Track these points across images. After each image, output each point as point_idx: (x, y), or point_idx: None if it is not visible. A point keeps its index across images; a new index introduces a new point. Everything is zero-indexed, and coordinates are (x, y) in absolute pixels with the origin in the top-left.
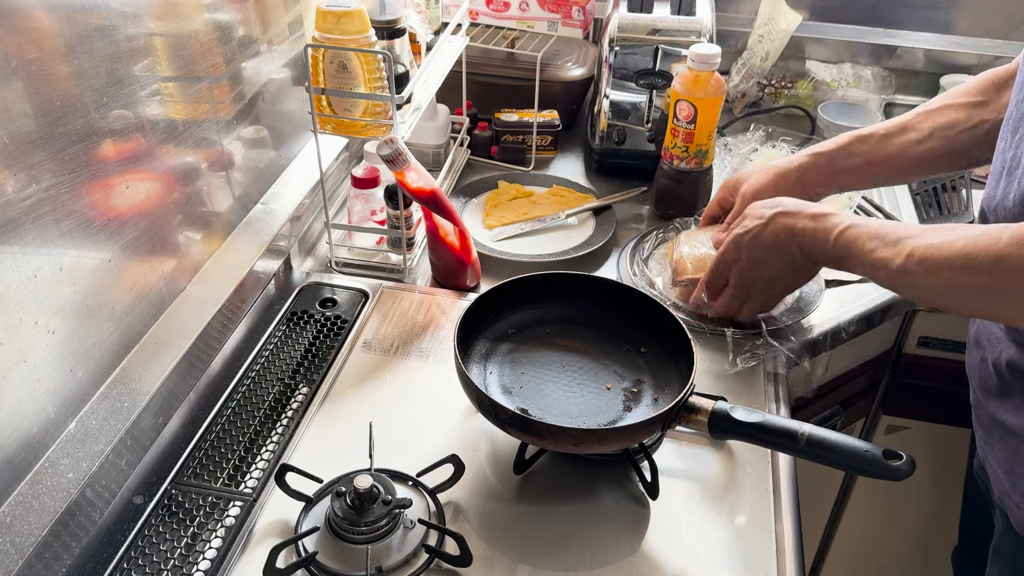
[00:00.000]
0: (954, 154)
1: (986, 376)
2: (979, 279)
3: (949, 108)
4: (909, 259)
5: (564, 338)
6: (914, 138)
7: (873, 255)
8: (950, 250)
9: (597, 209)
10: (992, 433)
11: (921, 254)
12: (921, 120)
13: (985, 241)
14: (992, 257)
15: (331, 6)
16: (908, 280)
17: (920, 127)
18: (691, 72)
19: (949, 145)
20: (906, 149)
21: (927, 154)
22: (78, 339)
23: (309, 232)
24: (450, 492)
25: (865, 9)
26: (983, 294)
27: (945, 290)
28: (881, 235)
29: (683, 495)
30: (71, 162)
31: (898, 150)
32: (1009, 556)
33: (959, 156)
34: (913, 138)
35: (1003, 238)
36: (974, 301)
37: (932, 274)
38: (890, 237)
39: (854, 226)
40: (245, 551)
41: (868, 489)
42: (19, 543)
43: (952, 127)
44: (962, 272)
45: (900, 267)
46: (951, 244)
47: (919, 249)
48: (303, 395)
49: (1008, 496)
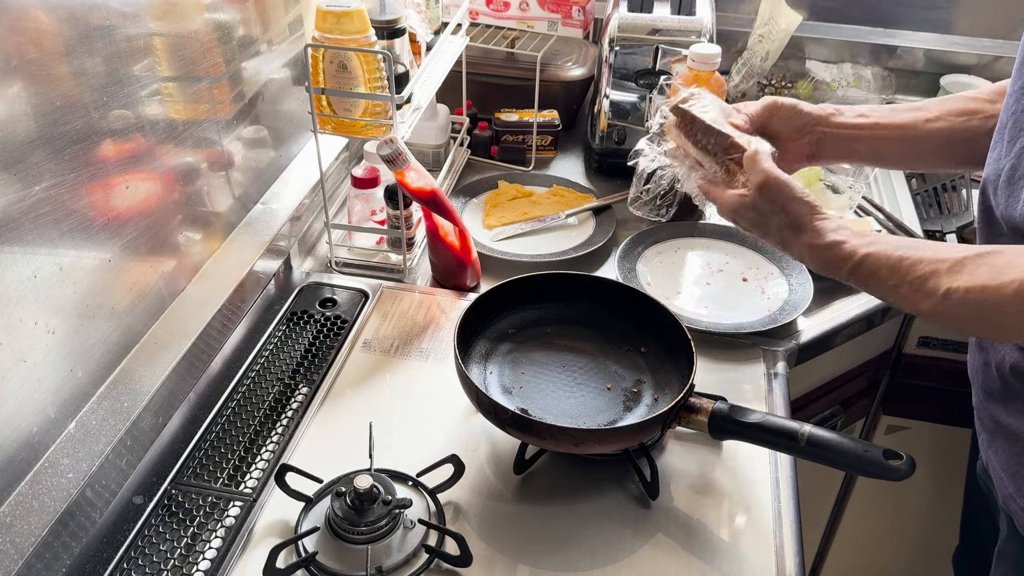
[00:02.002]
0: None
1: (989, 380)
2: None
3: (961, 99)
4: (946, 301)
5: (564, 338)
6: (923, 116)
7: (896, 292)
8: (1000, 295)
9: (597, 209)
10: (996, 437)
11: (962, 298)
12: (933, 104)
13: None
14: None
15: (331, 6)
16: (944, 318)
17: (930, 108)
18: (691, 72)
19: (954, 130)
20: (914, 123)
21: (933, 133)
22: (78, 339)
23: (309, 232)
24: (450, 492)
25: (865, 9)
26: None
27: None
28: (903, 269)
29: (683, 495)
30: (71, 162)
31: (906, 121)
32: (1014, 559)
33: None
34: (922, 116)
35: None
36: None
37: (977, 316)
38: (914, 272)
39: (870, 256)
40: (245, 551)
41: (868, 489)
42: (19, 543)
43: (962, 114)
44: (1017, 317)
45: (933, 308)
46: (1000, 289)
47: (958, 292)
48: (303, 395)
49: (1013, 500)
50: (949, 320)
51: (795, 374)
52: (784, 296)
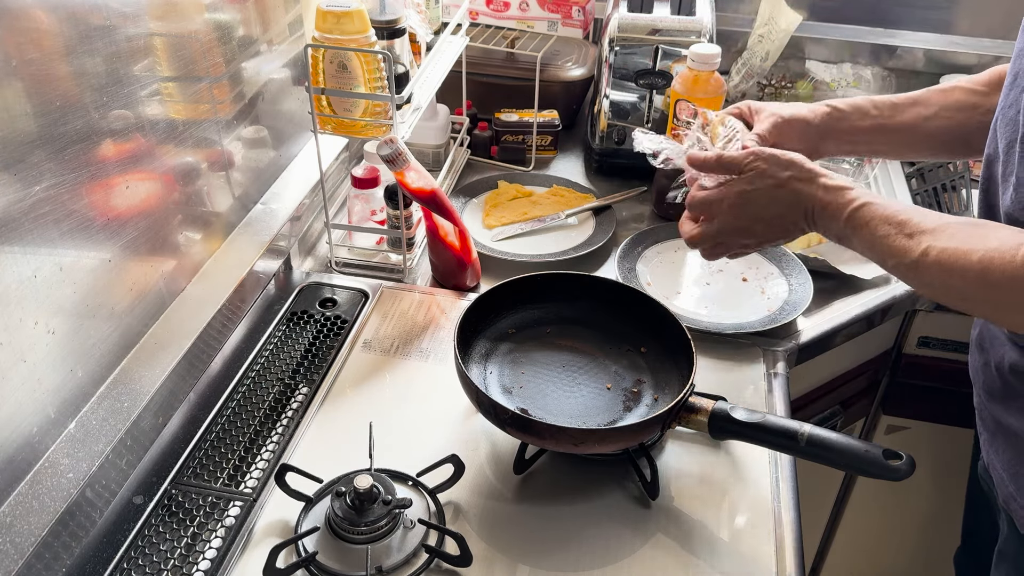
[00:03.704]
0: (957, 137)
1: (990, 379)
2: (992, 294)
3: (958, 90)
4: (924, 257)
5: (564, 338)
6: (923, 112)
7: (887, 241)
8: (966, 260)
9: (597, 209)
10: (996, 436)
11: (936, 256)
12: (931, 97)
13: (1001, 259)
14: (1008, 277)
15: (331, 6)
16: (919, 276)
17: (929, 102)
18: (691, 72)
19: (954, 125)
20: (915, 123)
21: (934, 131)
22: (78, 339)
23: (309, 232)
24: (450, 492)
25: (865, 9)
26: (993, 306)
27: (955, 294)
28: (897, 221)
29: (683, 495)
30: (71, 162)
31: (908, 121)
32: (1014, 559)
33: (962, 141)
34: (922, 112)
35: (1018, 258)
36: (983, 308)
37: (945, 278)
38: (907, 227)
39: (869, 204)
40: (245, 551)
41: (868, 489)
42: (19, 543)
43: (959, 109)
44: (976, 286)
45: (914, 262)
46: (968, 254)
47: (935, 250)
48: (303, 395)
49: (1013, 499)
50: (926, 278)
51: (795, 374)
52: (784, 296)
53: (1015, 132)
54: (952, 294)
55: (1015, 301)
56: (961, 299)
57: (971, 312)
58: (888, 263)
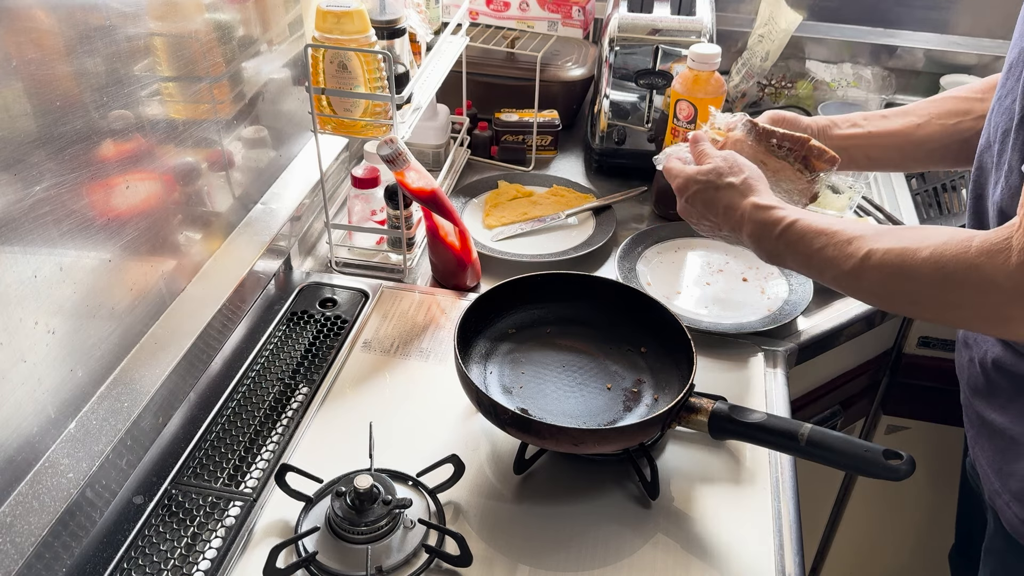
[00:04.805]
0: (950, 145)
1: (974, 375)
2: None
3: (950, 99)
4: (865, 262)
5: (564, 338)
6: (914, 121)
7: (823, 252)
8: (915, 259)
9: (597, 209)
10: (981, 433)
11: (880, 259)
12: (922, 107)
13: (956, 250)
14: (965, 266)
15: (331, 6)
16: (860, 284)
17: (920, 112)
18: (691, 72)
19: (946, 134)
20: (907, 130)
21: (926, 138)
22: (78, 339)
23: (309, 232)
24: (450, 492)
25: (865, 9)
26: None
27: (902, 297)
28: (829, 232)
29: (683, 495)
30: (71, 162)
31: (899, 129)
32: (1001, 555)
33: (956, 150)
34: (914, 121)
35: (972, 248)
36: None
37: (891, 281)
38: (840, 236)
39: (801, 220)
40: (245, 551)
41: (868, 489)
42: (19, 543)
43: (951, 116)
44: (928, 283)
45: (853, 269)
46: (916, 252)
47: (878, 252)
48: (303, 395)
49: (998, 495)
50: (868, 285)
51: (795, 374)
52: (784, 296)
53: (1010, 120)
54: (899, 298)
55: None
56: (911, 302)
57: (919, 316)
58: (826, 275)
